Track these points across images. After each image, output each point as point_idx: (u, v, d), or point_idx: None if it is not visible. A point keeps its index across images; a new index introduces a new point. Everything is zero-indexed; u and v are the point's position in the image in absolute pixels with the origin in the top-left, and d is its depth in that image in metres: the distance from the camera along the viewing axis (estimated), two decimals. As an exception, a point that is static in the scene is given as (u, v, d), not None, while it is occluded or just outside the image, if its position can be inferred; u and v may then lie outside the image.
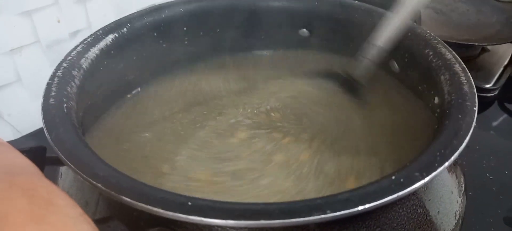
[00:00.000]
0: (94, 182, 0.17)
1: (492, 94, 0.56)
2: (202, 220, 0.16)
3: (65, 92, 0.23)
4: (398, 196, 0.17)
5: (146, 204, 0.16)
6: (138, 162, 0.27)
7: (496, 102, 0.56)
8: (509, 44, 0.61)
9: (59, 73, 0.24)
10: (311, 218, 0.16)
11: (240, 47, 0.36)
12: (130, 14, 0.32)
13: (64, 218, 0.15)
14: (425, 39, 0.28)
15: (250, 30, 0.36)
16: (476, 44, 0.57)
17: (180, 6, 0.33)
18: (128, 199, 0.16)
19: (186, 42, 0.35)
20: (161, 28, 0.32)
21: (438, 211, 0.21)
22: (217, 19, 0.35)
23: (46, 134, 0.20)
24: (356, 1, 0.33)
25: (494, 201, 0.39)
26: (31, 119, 0.48)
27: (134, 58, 0.31)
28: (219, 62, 0.36)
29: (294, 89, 0.34)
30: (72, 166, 0.18)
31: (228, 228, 0.17)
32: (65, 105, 0.22)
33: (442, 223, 0.22)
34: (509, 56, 0.61)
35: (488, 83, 0.56)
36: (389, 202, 0.17)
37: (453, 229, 0.23)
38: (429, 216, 0.21)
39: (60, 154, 0.18)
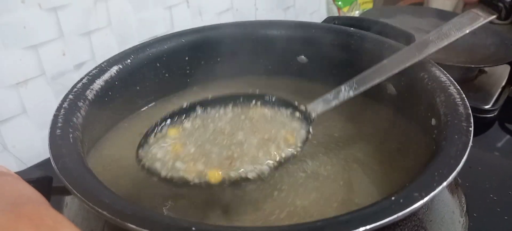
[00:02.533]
0: (100, 210, 0.17)
1: (492, 115, 0.56)
2: (205, 244, 0.16)
3: (71, 123, 0.23)
4: (398, 217, 0.17)
5: (151, 230, 0.16)
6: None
7: (496, 123, 0.56)
8: (506, 65, 0.62)
9: (65, 104, 0.25)
10: (313, 240, 0.16)
11: (239, 73, 0.37)
12: (133, 46, 0.33)
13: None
14: (420, 62, 0.29)
15: (246, 58, 0.37)
16: (473, 66, 0.58)
17: (181, 37, 0.34)
18: (134, 226, 0.17)
19: (187, 71, 0.36)
20: (164, 58, 0.33)
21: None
22: (217, 48, 0.36)
23: (52, 164, 0.20)
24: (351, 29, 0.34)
25: (498, 222, 0.39)
26: (36, 150, 0.49)
27: (138, 88, 0.32)
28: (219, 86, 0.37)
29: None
30: (78, 194, 0.18)
31: (231, 252, 0.17)
32: (71, 135, 0.23)
33: None
34: (507, 77, 0.61)
35: (487, 104, 0.56)
36: (389, 223, 0.17)
37: None
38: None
39: (67, 183, 0.19)
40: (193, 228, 0.16)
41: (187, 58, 0.35)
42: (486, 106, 0.56)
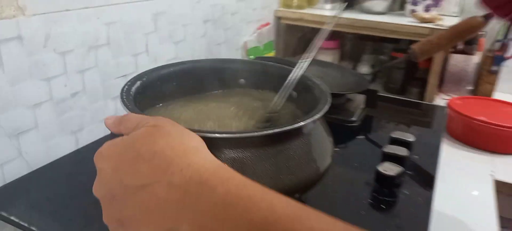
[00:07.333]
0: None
1: (356, 124, 0.87)
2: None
3: (130, 95, 0.44)
4: (293, 128, 0.41)
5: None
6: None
7: (359, 130, 0.87)
8: (362, 95, 0.95)
9: (125, 88, 0.46)
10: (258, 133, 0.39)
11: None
12: (144, 71, 0.54)
13: (186, 131, 0.34)
14: (308, 78, 0.56)
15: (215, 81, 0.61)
16: (342, 93, 0.90)
17: (171, 67, 0.57)
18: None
19: (176, 88, 0.57)
20: (159, 81, 0.55)
21: (319, 148, 0.47)
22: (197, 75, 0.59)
23: (124, 108, 0.41)
24: (271, 62, 0.60)
25: (357, 169, 0.67)
26: (41, 156, 0.64)
27: (150, 94, 0.53)
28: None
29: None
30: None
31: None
32: (132, 97, 0.43)
33: (321, 155, 0.47)
34: (363, 102, 0.94)
35: (352, 117, 0.87)
36: (291, 129, 0.41)
37: (329, 163, 0.48)
38: (315, 148, 0.46)
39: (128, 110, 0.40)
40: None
41: (174, 83, 0.57)
42: (352, 119, 0.87)
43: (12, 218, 0.51)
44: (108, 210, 0.31)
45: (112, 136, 0.37)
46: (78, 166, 0.65)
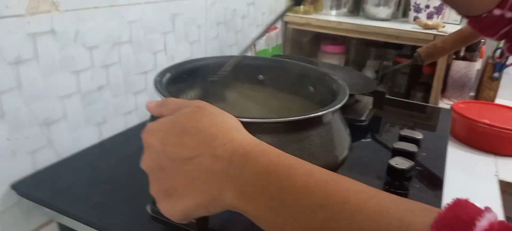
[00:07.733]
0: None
1: (365, 123, 0.90)
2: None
3: (163, 84, 0.48)
4: (316, 115, 0.45)
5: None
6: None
7: (368, 129, 0.91)
8: (370, 97, 0.99)
9: (157, 78, 0.49)
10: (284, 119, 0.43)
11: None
12: (171, 65, 0.57)
13: (226, 113, 0.37)
14: (326, 74, 0.59)
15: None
16: (351, 93, 0.93)
17: (194, 62, 0.60)
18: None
19: (199, 79, 0.61)
20: (190, 71, 0.58)
21: (338, 138, 0.50)
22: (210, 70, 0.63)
23: (158, 96, 0.44)
24: (288, 60, 0.64)
25: (369, 164, 0.70)
26: (69, 145, 0.67)
27: (177, 85, 0.56)
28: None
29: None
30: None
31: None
32: (164, 86, 0.47)
33: (340, 145, 0.50)
34: (371, 103, 0.98)
35: (362, 117, 0.91)
36: (315, 117, 0.44)
37: (347, 154, 0.51)
38: (334, 137, 0.49)
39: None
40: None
41: (193, 74, 0.60)
42: (361, 119, 0.90)
43: (42, 199, 0.55)
44: (156, 182, 0.34)
45: (152, 119, 0.41)
46: (101, 157, 0.68)
